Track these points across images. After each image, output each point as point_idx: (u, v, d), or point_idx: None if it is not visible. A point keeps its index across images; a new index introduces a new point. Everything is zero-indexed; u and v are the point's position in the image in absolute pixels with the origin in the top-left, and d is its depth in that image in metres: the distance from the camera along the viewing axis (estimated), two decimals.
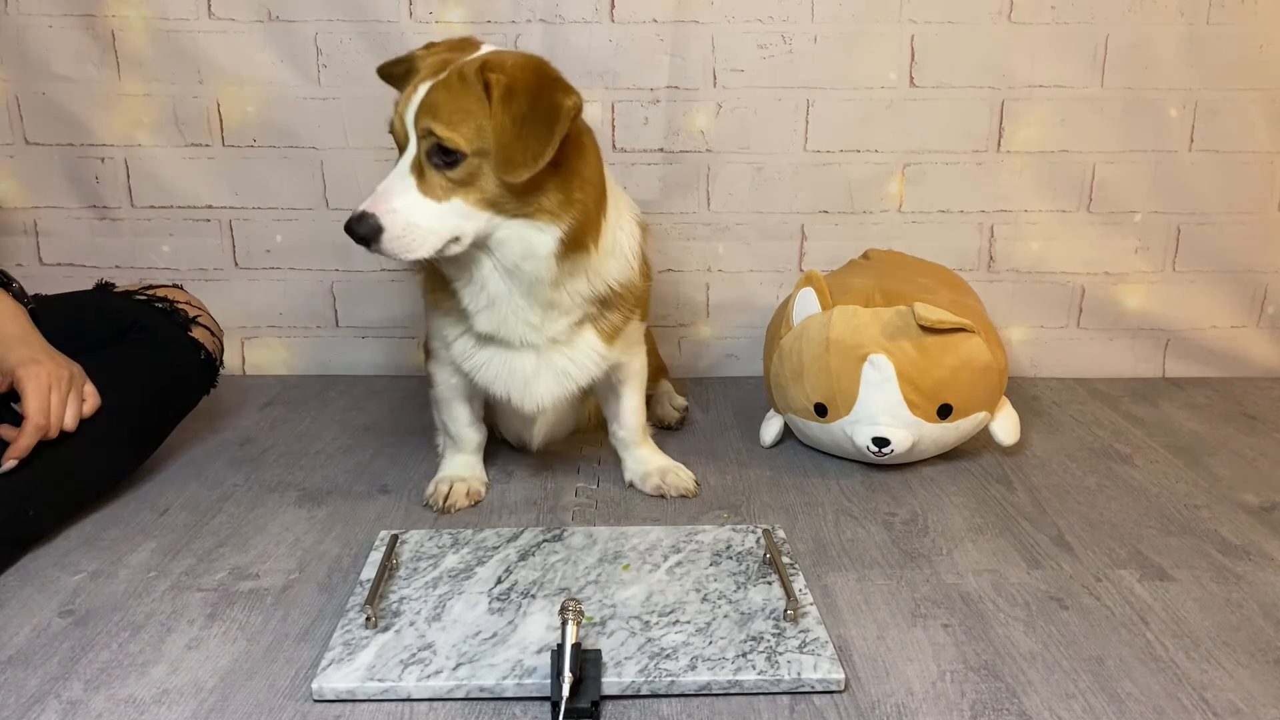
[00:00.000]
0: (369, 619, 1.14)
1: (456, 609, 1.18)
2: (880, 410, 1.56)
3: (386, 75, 1.41)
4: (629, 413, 1.57)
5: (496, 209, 1.30)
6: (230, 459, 1.69)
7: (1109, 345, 2.14)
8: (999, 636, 1.16)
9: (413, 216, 1.26)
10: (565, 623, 1.01)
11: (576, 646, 1.01)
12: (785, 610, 1.16)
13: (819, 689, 1.06)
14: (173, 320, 1.61)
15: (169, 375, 1.58)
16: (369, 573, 1.25)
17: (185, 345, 1.60)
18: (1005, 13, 1.94)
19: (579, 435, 1.73)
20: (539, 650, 1.09)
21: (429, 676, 1.05)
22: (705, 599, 1.20)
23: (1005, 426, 1.66)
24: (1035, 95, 1.98)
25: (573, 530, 1.38)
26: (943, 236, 2.06)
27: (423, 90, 1.27)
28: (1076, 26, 1.95)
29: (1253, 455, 1.72)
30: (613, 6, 1.93)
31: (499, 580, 1.25)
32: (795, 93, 1.98)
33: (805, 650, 1.10)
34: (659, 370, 1.91)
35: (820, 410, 1.62)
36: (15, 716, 1.01)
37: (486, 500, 1.53)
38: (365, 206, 1.26)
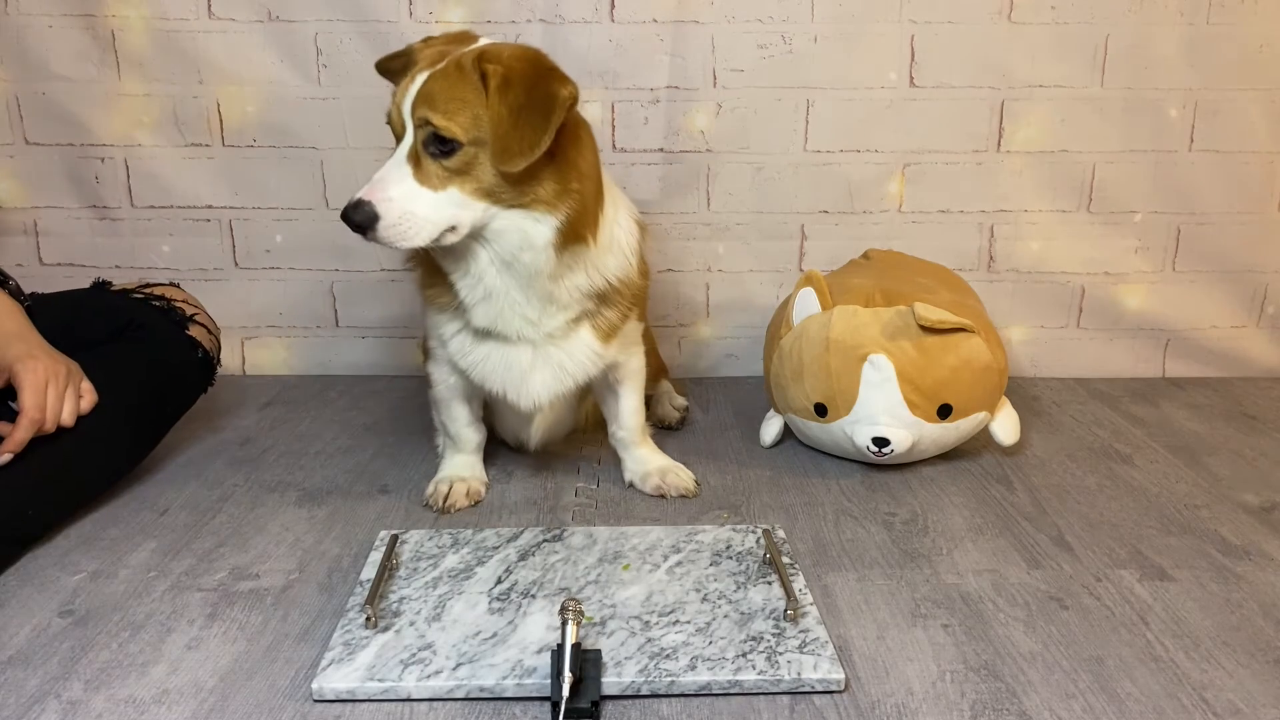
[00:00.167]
0: (369, 619, 1.14)
1: (456, 609, 1.18)
2: (880, 410, 1.56)
3: (385, 70, 1.42)
4: (628, 413, 1.57)
5: (493, 199, 1.30)
6: (230, 459, 1.69)
7: (1109, 345, 2.14)
8: (999, 636, 1.16)
9: (409, 205, 1.26)
10: (565, 623, 1.01)
11: (576, 646, 1.01)
12: (785, 610, 1.16)
13: (819, 689, 1.06)
14: (169, 318, 1.61)
15: (166, 373, 1.58)
16: (369, 573, 1.25)
17: (182, 343, 1.60)
18: (1005, 13, 1.94)
19: (577, 435, 1.73)
20: (539, 650, 1.09)
21: (429, 676, 1.05)
22: (705, 599, 1.20)
23: (1005, 426, 1.66)
24: (1035, 95, 1.98)
25: (573, 530, 1.38)
26: (943, 236, 2.06)
27: (420, 80, 1.27)
28: (1076, 26, 1.95)
29: (1253, 455, 1.72)
30: (613, 6, 1.93)
31: (499, 580, 1.25)
32: (795, 93, 1.98)
33: (805, 650, 1.10)
34: (659, 370, 1.91)
35: (820, 410, 1.62)
36: (15, 716, 1.01)
37: (486, 500, 1.53)
38: (361, 194, 1.26)
